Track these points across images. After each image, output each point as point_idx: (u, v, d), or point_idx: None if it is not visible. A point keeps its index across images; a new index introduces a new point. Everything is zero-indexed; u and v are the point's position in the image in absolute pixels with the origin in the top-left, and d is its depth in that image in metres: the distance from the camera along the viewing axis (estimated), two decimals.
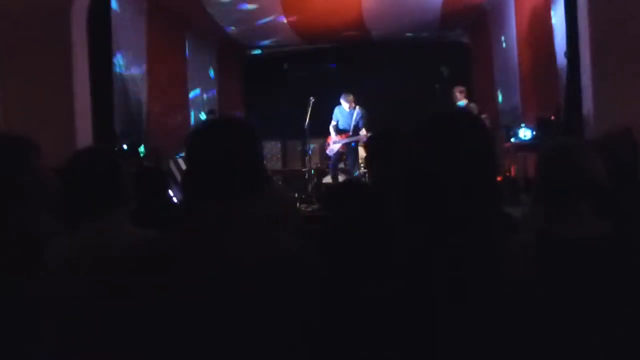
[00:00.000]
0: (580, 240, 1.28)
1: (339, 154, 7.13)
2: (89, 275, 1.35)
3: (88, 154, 1.67)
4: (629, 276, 1.24)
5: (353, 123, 6.99)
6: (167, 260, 1.12)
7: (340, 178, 7.23)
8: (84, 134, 5.12)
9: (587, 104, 4.71)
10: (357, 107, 7.04)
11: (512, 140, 5.82)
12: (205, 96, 8.84)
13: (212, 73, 9.22)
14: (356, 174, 7.06)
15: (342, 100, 7.09)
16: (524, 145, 5.59)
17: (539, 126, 5.48)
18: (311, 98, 6.98)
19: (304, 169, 7.74)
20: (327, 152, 7.22)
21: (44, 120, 4.86)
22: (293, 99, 7.32)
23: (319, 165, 8.14)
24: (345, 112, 7.10)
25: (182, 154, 6.78)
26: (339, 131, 7.12)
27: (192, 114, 8.32)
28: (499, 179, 4.82)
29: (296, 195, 6.91)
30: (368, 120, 7.05)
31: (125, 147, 5.81)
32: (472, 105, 7.10)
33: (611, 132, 3.73)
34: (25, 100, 4.95)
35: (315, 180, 7.48)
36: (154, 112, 6.94)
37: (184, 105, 8.14)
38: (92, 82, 5.26)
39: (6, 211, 1.48)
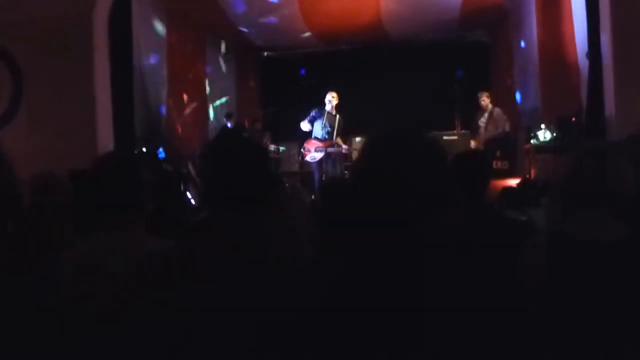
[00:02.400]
0: (593, 243, 1.27)
1: (319, 161, 6.64)
2: (102, 283, 1.37)
3: (107, 160, 1.68)
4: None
5: (335, 131, 6.55)
6: (182, 270, 1.14)
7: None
8: (105, 137, 5.20)
9: (610, 105, 4.63)
10: (338, 114, 6.62)
11: (532, 142, 5.75)
12: (224, 99, 8.91)
13: (230, 76, 9.29)
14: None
15: (327, 101, 6.55)
16: (544, 147, 5.51)
17: (559, 127, 5.40)
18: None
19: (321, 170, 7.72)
20: (308, 159, 6.69)
21: (66, 123, 4.96)
22: (310, 101, 7.31)
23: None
24: (327, 115, 6.59)
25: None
26: (315, 138, 6.63)
27: (210, 116, 8.40)
28: (518, 181, 4.73)
29: (312, 197, 6.91)
30: (343, 129, 6.68)
31: (144, 149, 5.89)
32: (497, 110, 7.06)
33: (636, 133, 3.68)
34: (47, 103, 5.05)
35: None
36: (173, 115, 7.02)
37: (203, 108, 8.21)
38: (113, 85, 5.35)
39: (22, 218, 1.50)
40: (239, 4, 7.26)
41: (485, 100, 7.08)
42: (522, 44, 7.55)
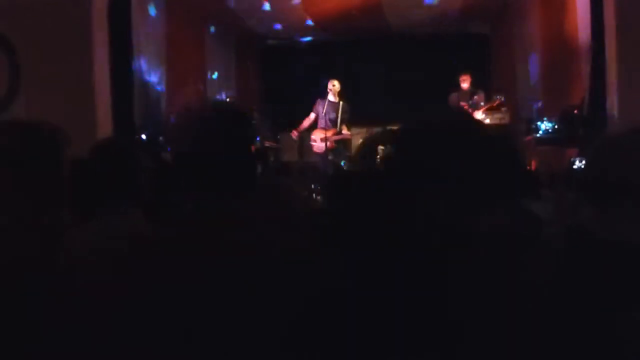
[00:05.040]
0: (615, 243, 1.21)
1: (325, 151, 6.75)
2: (98, 269, 1.35)
3: (107, 147, 1.66)
4: None
5: (339, 118, 6.63)
6: (177, 257, 1.10)
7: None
8: (105, 125, 5.16)
9: (612, 98, 4.61)
10: (341, 101, 6.70)
11: (536, 134, 5.71)
12: (224, 87, 8.83)
13: (230, 63, 9.20)
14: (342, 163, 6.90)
15: (329, 89, 6.62)
16: (546, 139, 5.49)
17: (562, 120, 5.38)
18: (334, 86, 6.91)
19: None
20: (315, 149, 6.80)
21: (64, 110, 4.90)
22: (311, 90, 7.26)
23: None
24: (329, 104, 6.68)
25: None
26: (321, 128, 6.70)
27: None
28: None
29: (312, 186, 6.88)
30: (350, 116, 6.72)
31: (143, 137, 5.85)
32: (481, 92, 6.93)
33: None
34: (45, 90, 4.99)
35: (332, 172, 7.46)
36: (172, 103, 6.97)
37: (203, 96, 8.15)
38: (112, 72, 5.29)
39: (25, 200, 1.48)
40: None
41: (467, 82, 6.87)
42: (524, 35, 7.51)
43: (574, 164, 3.77)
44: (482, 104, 6.80)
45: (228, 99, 7.87)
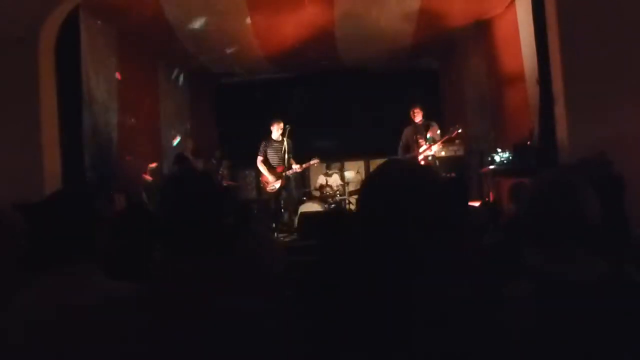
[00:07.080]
0: (579, 283, 1.21)
1: (279, 189, 6.99)
2: (52, 327, 1.25)
3: (62, 198, 1.54)
4: (628, 319, 1.18)
5: (286, 155, 6.92)
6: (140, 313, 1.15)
7: (318, 206, 7.17)
8: (52, 164, 4.94)
9: (561, 129, 4.78)
10: (285, 138, 6.94)
11: (491, 166, 5.84)
12: (178, 125, 8.67)
13: (184, 102, 9.07)
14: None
15: (273, 130, 6.97)
16: (500, 170, 5.62)
17: (515, 152, 5.54)
18: (287, 126, 6.96)
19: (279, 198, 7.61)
20: (268, 189, 7.03)
21: (10, 151, 4.67)
22: (266, 128, 7.24)
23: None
24: (275, 143, 6.99)
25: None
26: (271, 166, 6.98)
27: (164, 143, 8.15)
28: (477, 204, 4.74)
29: (273, 225, 6.78)
30: (293, 151, 7.01)
31: (94, 178, 5.61)
32: (434, 123, 7.01)
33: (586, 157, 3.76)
34: None
35: (291, 208, 7.41)
36: (124, 142, 6.76)
37: (156, 134, 7.97)
38: (61, 112, 5.11)
39: None
40: (194, 31, 7.14)
41: (420, 114, 6.91)
42: (472, 70, 7.78)
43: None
44: (438, 132, 6.85)
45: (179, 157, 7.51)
